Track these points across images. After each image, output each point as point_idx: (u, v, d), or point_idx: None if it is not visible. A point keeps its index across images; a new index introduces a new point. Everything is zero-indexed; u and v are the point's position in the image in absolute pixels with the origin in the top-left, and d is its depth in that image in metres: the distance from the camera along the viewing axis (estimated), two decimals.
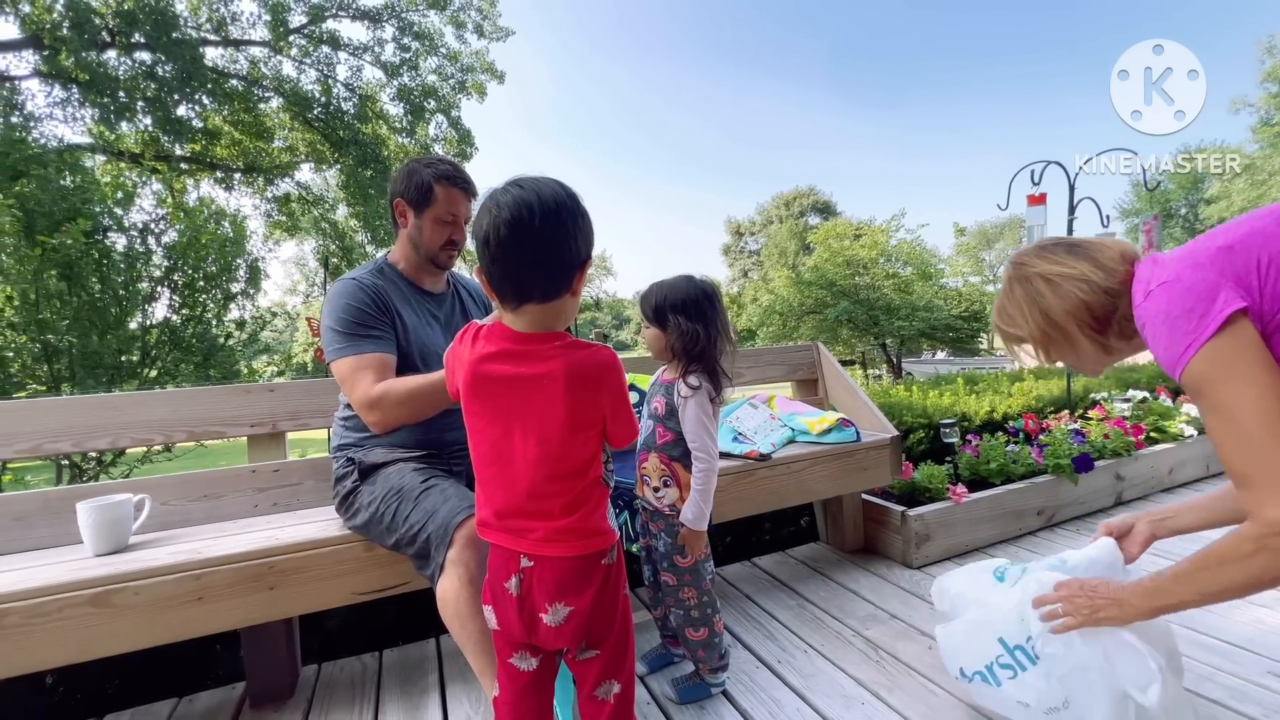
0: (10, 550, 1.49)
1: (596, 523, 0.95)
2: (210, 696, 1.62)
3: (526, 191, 0.85)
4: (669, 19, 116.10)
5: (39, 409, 1.57)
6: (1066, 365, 1.11)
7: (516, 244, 0.84)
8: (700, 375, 1.34)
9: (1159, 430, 2.98)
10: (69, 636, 1.18)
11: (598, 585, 0.94)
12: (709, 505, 1.36)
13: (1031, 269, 1.02)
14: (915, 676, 1.49)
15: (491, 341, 0.91)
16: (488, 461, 0.94)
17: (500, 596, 0.95)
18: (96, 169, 8.79)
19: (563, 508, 0.92)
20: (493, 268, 0.87)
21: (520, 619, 0.93)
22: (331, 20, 13.41)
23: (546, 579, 0.92)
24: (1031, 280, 1.02)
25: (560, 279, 0.89)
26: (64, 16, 10.55)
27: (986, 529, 2.28)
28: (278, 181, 14.68)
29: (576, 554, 0.92)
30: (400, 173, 1.54)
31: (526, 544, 0.93)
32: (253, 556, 1.31)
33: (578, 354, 0.90)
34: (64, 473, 4.44)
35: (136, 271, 4.85)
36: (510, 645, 0.98)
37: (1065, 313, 0.97)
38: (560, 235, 0.86)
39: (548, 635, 0.93)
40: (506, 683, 1.00)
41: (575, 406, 0.90)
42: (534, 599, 0.92)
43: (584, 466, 0.93)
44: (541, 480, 0.91)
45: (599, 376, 0.91)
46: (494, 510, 0.95)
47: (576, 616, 0.93)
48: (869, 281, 13.29)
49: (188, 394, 1.71)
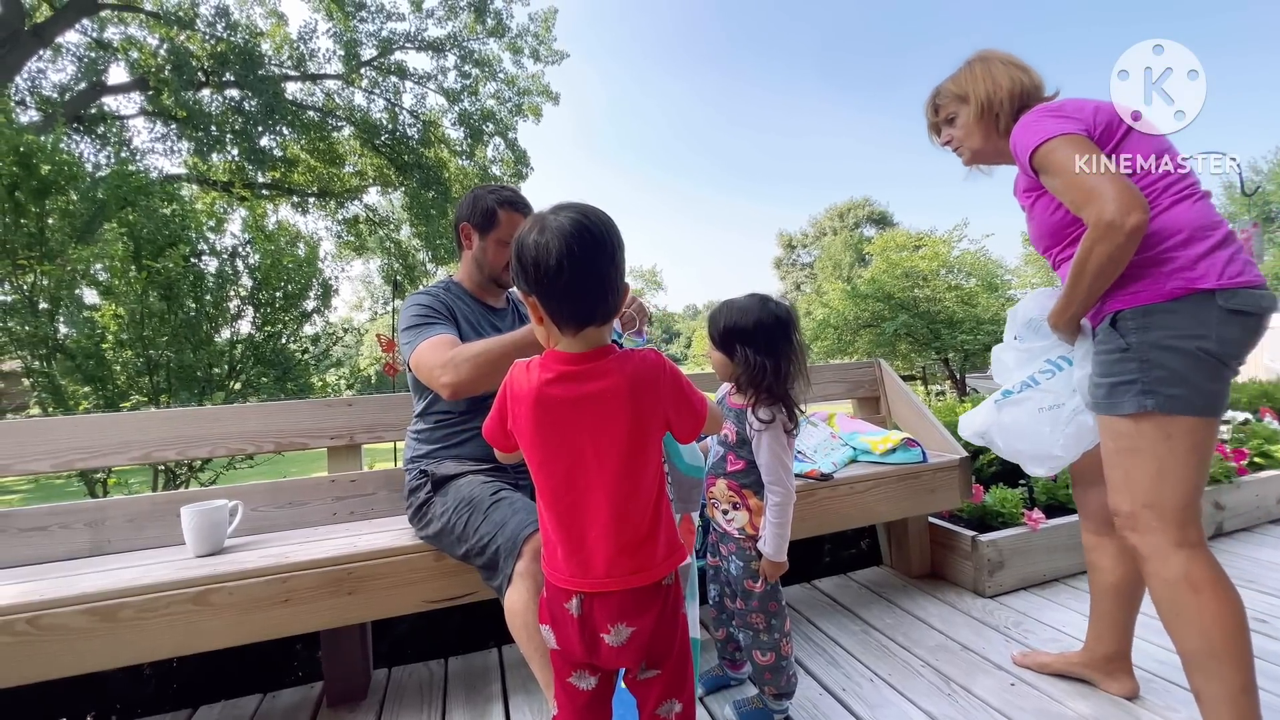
0: (123, 549, 1.64)
1: (666, 547, 0.95)
2: (291, 694, 1.71)
3: (588, 218, 0.87)
4: (720, 30, 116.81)
5: (152, 420, 1.73)
6: (961, 140, 1.40)
7: (589, 270, 0.86)
8: (772, 407, 1.30)
9: (1265, 455, 2.73)
10: (174, 631, 1.28)
11: (659, 606, 0.94)
12: (788, 536, 1.35)
13: (994, 55, 1.37)
14: (992, 713, 1.41)
15: (548, 368, 0.91)
16: (559, 494, 0.92)
17: (560, 617, 0.95)
18: (192, 198, 9.59)
19: (637, 538, 0.92)
20: (560, 295, 0.87)
21: (581, 639, 0.93)
22: (399, 52, 14.24)
23: (609, 601, 0.92)
24: (990, 62, 1.36)
25: (616, 298, 0.91)
26: (166, 60, 11.66)
27: (1066, 558, 2.14)
28: (348, 204, 15.62)
29: (639, 585, 0.92)
30: (465, 200, 1.66)
31: (589, 584, 0.92)
32: (334, 562, 1.39)
33: (631, 362, 0.92)
34: (159, 478, 4.82)
35: (225, 292, 5.24)
36: (569, 664, 0.97)
37: (1008, 88, 1.32)
38: (619, 257, 0.90)
39: (609, 655, 0.93)
40: (566, 702, 0.99)
41: (639, 413, 0.90)
42: (595, 620, 0.92)
43: (655, 482, 0.94)
44: (621, 500, 0.91)
45: (654, 377, 0.92)
46: (561, 558, 0.94)
47: (639, 636, 0.92)
48: (929, 294, 12.79)
49: (276, 407, 1.83)
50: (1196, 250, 1.10)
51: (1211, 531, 2.48)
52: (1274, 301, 1.13)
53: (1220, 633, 1.09)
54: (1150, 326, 1.12)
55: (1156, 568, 1.15)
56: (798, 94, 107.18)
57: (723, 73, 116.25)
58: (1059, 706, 1.43)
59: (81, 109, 11.68)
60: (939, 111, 1.44)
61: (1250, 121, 64.23)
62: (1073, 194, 1.13)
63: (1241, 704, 1.08)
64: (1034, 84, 1.32)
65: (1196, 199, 1.16)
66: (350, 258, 16.58)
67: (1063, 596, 2.01)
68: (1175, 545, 1.13)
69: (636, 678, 0.98)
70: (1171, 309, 1.11)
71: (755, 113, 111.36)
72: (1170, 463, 1.12)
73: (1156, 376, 1.11)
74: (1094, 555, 1.46)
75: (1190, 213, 1.13)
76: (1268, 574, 2.14)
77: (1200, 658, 1.11)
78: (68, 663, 1.23)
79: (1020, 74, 1.32)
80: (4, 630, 1.19)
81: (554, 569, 0.95)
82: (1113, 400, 1.17)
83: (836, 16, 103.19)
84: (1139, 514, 1.16)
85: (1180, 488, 1.12)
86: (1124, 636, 1.45)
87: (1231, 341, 1.09)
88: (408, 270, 15.45)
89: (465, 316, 1.62)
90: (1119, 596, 1.42)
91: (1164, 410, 1.11)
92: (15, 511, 1.59)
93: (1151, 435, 1.13)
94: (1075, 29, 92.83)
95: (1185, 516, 1.13)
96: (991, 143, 1.36)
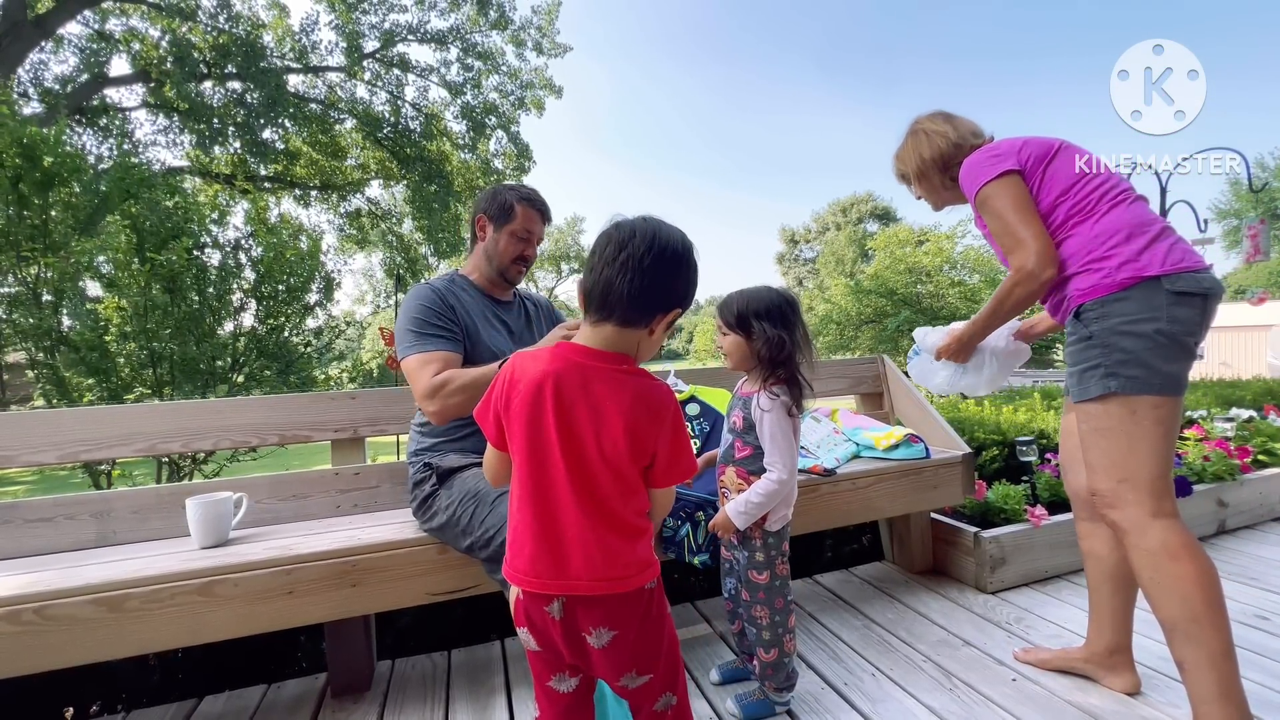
0: (129, 540, 1.64)
1: (648, 552, 0.93)
2: (296, 685, 1.72)
3: (660, 228, 0.90)
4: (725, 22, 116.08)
5: (156, 412, 1.73)
6: (921, 196, 1.61)
7: (626, 262, 0.87)
8: (781, 387, 1.34)
9: (1268, 453, 2.73)
10: (179, 621, 1.29)
11: (642, 611, 0.92)
12: (760, 512, 1.35)
13: (919, 126, 1.55)
14: (994, 709, 1.42)
15: (560, 357, 0.90)
16: (544, 488, 0.89)
17: (540, 621, 0.92)
18: (194, 190, 9.60)
19: (622, 543, 0.90)
20: (591, 272, 0.90)
21: (566, 643, 0.91)
22: (401, 44, 14.17)
23: (592, 606, 0.89)
24: (918, 134, 1.55)
25: (643, 310, 0.89)
26: (168, 52, 11.63)
27: (1069, 554, 2.14)
28: (350, 198, 15.59)
29: (621, 591, 0.90)
30: (485, 194, 1.68)
31: (565, 586, 0.89)
32: (337, 555, 1.40)
33: (642, 380, 0.90)
34: (164, 470, 4.84)
35: (228, 285, 5.24)
36: (549, 667, 0.95)
37: (930, 156, 1.51)
38: (662, 270, 0.88)
39: (597, 657, 0.91)
40: (547, 706, 0.97)
41: (641, 433, 0.89)
42: (578, 622, 0.90)
43: (644, 489, 0.94)
44: (614, 501, 0.90)
45: (660, 407, 0.90)
46: (529, 557, 0.90)
47: (622, 640, 0.91)
48: (932, 290, 12.76)
49: (278, 400, 1.83)
50: (1138, 244, 1.23)
51: (1214, 529, 2.47)
52: (1215, 282, 1.22)
53: (1200, 597, 1.16)
54: (1109, 315, 1.23)
55: (1136, 540, 1.23)
56: (803, 87, 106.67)
57: (727, 66, 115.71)
58: (1060, 702, 1.43)
59: (84, 101, 11.66)
60: (899, 178, 1.68)
61: (1258, 118, 63.73)
62: (1004, 240, 1.35)
63: (1223, 667, 1.15)
64: (959, 139, 1.49)
65: (1131, 201, 1.30)
66: (352, 251, 16.57)
67: (1065, 593, 2.01)
68: (1152, 516, 1.21)
69: (627, 687, 0.94)
70: (1125, 296, 1.22)
71: (759, 106, 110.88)
72: (1139, 438, 1.21)
73: (1117, 360, 1.22)
74: (1088, 543, 1.49)
75: (1127, 214, 1.27)
76: (1271, 571, 2.14)
77: (1183, 624, 1.18)
78: (74, 653, 1.24)
79: (941, 138, 1.50)
80: (11, 620, 1.20)
81: (526, 571, 0.90)
82: (1082, 386, 1.28)
83: (843, 9, 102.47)
84: (1116, 490, 1.24)
85: (1150, 460, 1.21)
86: (1124, 629, 1.47)
87: (1183, 320, 1.19)
88: (410, 264, 15.43)
89: (470, 310, 1.62)
90: (1115, 584, 1.45)
91: (1126, 391, 1.21)
92: (22, 503, 1.60)
93: (1118, 414, 1.23)
94: None
95: (1159, 488, 1.22)
96: (942, 195, 1.58)
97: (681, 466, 0.95)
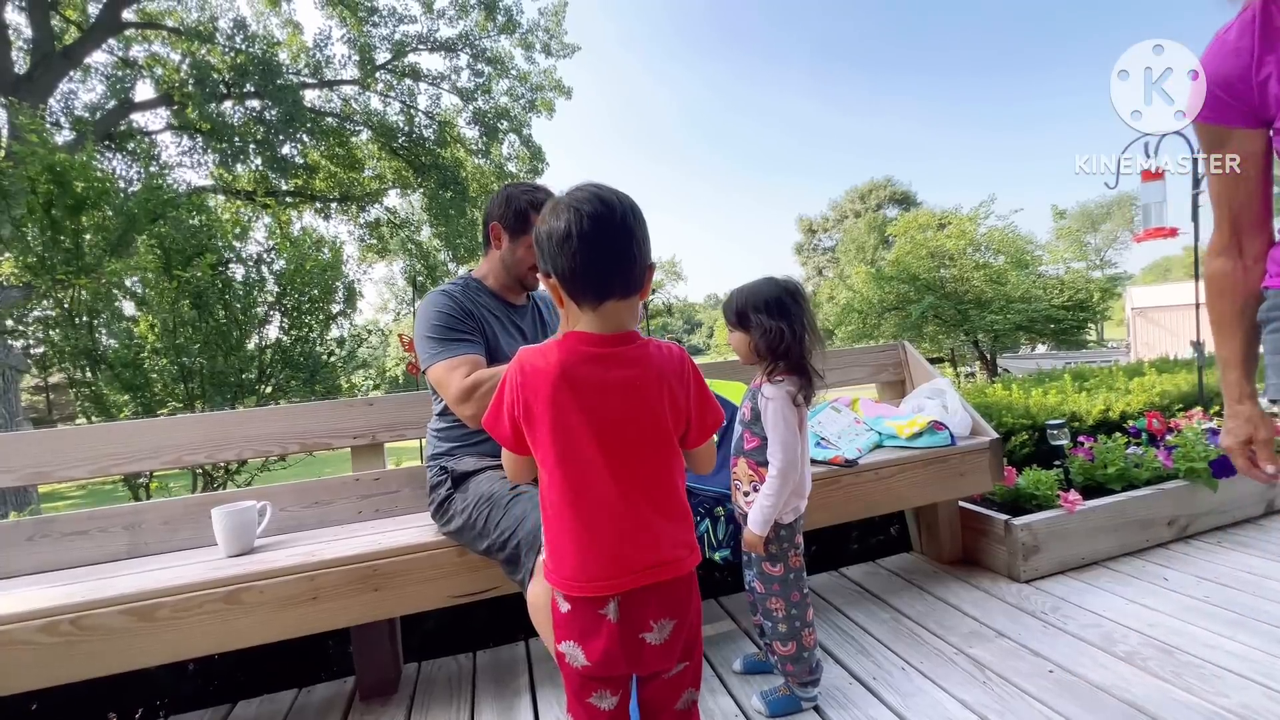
0: (159, 550, 1.68)
1: (687, 538, 0.93)
2: (325, 689, 1.75)
3: (602, 190, 0.86)
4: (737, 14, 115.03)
5: (180, 425, 1.77)
6: None
7: (600, 237, 0.83)
8: (785, 376, 1.32)
9: None
10: (209, 629, 1.32)
11: (696, 594, 0.93)
12: (774, 511, 1.33)
13: None
14: (1030, 702, 1.37)
15: (571, 349, 0.86)
16: (586, 487, 0.86)
17: (592, 629, 0.87)
18: (217, 208, 9.84)
19: (672, 528, 0.90)
20: (574, 263, 0.83)
21: (622, 648, 0.87)
22: (412, 54, 14.34)
23: (649, 596, 0.87)
24: None
25: (639, 274, 0.88)
26: (189, 75, 11.94)
27: (1107, 540, 2.07)
28: (369, 208, 15.83)
29: (677, 576, 0.90)
30: (497, 198, 1.63)
31: (619, 583, 0.86)
32: (360, 560, 1.41)
33: (658, 349, 0.90)
34: (198, 481, 4.97)
35: (253, 298, 5.36)
36: (592, 683, 0.90)
37: None
38: (639, 232, 0.87)
39: (653, 656, 0.88)
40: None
41: (671, 401, 0.89)
42: (636, 620, 0.87)
43: (682, 468, 0.93)
44: (660, 490, 0.89)
45: (680, 367, 0.91)
46: (574, 562, 0.87)
47: (681, 629, 0.90)
48: (956, 274, 12.47)
49: (299, 409, 1.86)
50: None
51: (1260, 509, 2.36)
52: None
53: None
54: None
55: None
56: (816, 77, 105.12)
57: (739, 58, 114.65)
58: (1101, 694, 1.38)
59: (112, 126, 12.03)
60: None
61: None
62: None
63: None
64: None
65: None
66: (373, 260, 16.82)
67: (1103, 580, 1.94)
68: None
69: (668, 676, 0.93)
70: None
71: (773, 97, 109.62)
72: None
73: None
74: None
75: None
76: None
77: None
78: (109, 661, 1.27)
79: None
80: (49, 631, 1.23)
81: (573, 576, 0.87)
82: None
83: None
84: None
85: None
86: None
87: None
88: (429, 270, 15.62)
89: (488, 314, 1.61)
90: None
91: None
92: (57, 517, 1.65)
93: None
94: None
95: None
96: None
97: (712, 416, 0.95)
